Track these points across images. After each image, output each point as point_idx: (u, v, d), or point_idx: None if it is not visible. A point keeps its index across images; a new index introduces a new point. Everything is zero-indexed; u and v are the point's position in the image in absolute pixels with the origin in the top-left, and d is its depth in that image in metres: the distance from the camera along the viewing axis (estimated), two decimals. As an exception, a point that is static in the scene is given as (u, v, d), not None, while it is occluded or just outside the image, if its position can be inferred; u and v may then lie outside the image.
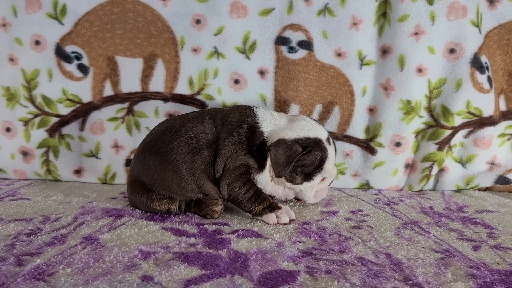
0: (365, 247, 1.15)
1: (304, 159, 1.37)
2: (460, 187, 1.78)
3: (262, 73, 1.78)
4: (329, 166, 1.43)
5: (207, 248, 1.13)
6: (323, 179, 1.45)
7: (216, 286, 0.91)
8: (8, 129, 1.88)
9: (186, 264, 1.02)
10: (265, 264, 1.02)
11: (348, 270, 1.00)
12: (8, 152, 1.90)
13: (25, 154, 1.90)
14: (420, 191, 1.80)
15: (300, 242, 1.18)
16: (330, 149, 1.43)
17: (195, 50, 1.77)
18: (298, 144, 1.36)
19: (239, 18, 1.74)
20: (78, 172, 1.90)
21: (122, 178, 1.88)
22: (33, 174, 1.93)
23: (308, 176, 1.42)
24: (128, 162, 1.86)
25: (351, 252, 1.11)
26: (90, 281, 0.93)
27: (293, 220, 1.37)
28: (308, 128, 1.42)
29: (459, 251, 1.12)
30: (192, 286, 0.91)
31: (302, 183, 1.43)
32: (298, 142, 1.36)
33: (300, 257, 1.07)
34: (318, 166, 1.40)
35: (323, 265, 1.02)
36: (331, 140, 1.46)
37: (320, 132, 1.43)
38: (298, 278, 0.95)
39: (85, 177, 1.90)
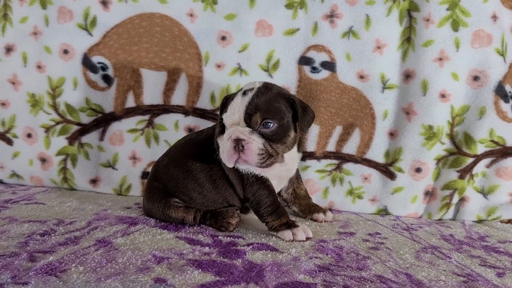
0: (384, 266, 1.11)
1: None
2: (481, 218, 1.72)
3: (283, 92, 1.79)
4: (227, 113, 1.28)
5: (221, 257, 1.10)
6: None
7: (230, 292, 0.88)
8: (29, 135, 1.90)
9: (200, 270, 1.00)
10: (281, 276, 0.99)
11: (367, 286, 0.96)
12: (27, 158, 1.92)
13: (43, 160, 1.91)
14: (440, 220, 1.75)
15: (316, 258, 1.14)
16: (236, 97, 1.28)
17: (218, 66, 1.79)
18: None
19: (264, 36, 1.76)
20: (94, 181, 1.90)
21: (137, 190, 1.87)
22: (49, 182, 1.93)
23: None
24: (144, 175, 1.86)
25: (369, 270, 1.07)
26: (102, 279, 0.91)
27: (309, 238, 1.34)
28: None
29: (483, 276, 1.08)
30: (205, 290, 0.89)
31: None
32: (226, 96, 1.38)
33: (317, 271, 1.03)
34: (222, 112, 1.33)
35: (341, 280, 0.99)
36: (252, 92, 1.26)
37: (246, 86, 1.33)
38: (315, 290, 0.92)
39: (101, 187, 1.90)
